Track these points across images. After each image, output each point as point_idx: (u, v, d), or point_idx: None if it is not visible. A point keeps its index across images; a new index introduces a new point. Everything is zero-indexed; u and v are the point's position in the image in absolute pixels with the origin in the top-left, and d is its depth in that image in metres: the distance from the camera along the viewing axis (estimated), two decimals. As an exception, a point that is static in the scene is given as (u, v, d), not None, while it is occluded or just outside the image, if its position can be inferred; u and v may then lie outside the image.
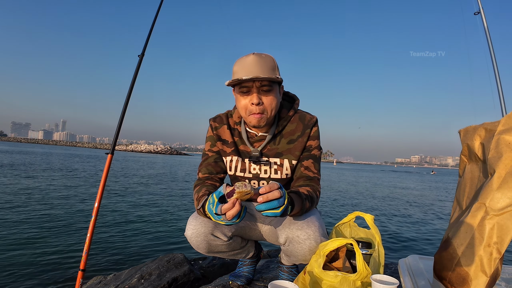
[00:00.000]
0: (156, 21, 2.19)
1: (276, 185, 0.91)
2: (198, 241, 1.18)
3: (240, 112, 1.18)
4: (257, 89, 1.11)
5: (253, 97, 1.12)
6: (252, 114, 1.14)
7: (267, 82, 1.11)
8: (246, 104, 1.14)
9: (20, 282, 2.75)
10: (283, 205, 0.91)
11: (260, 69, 1.09)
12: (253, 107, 1.13)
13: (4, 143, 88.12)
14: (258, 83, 1.10)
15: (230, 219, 0.90)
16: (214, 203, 0.94)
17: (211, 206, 0.95)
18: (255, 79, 1.08)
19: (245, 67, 1.10)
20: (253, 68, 1.09)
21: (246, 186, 0.86)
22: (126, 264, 3.34)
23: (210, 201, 0.97)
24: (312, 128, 1.24)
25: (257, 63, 1.10)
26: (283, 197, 0.91)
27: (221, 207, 0.91)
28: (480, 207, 0.83)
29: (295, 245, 1.12)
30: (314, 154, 1.24)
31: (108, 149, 1.90)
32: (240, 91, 1.13)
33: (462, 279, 0.84)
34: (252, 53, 1.13)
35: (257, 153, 1.23)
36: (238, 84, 1.12)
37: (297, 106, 1.28)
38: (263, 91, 1.12)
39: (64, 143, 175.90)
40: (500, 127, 0.84)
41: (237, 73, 1.12)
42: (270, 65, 1.12)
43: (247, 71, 1.09)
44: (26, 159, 21.10)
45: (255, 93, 1.12)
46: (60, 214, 5.52)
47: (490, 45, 2.62)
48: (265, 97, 1.13)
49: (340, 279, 0.95)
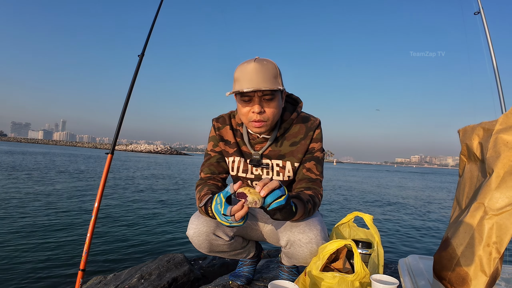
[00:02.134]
0: (156, 21, 2.19)
1: (268, 179, 0.92)
2: (200, 240, 1.19)
3: (241, 118, 1.18)
4: (258, 98, 1.10)
5: (255, 107, 1.11)
6: (253, 122, 1.14)
7: (269, 91, 1.09)
8: (247, 112, 1.13)
9: (20, 282, 2.75)
10: (284, 193, 0.92)
11: (262, 78, 1.07)
12: (254, 115, 1.12)
13: (4, 143, 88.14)
14: (260, 93, 1.09)
15: (237, 220, 0.92)
16: (222, 203, 0.95)
17: (218, 206, 0.96)
18: (257, 91, 1.07)
19: (246, 76, 1.08)
20: (255, 77, 1.07)
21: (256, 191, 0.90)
22: (126, 264, 3.34)
23: (217, 201, 0.97)
24: (315, 131, 1.24)
25: (259, 72, 1.08)
26: (282, 186, 0.93)
27: (231, 208, 0.92)
28: (479, 207, 0.83)
29: (297, 248, 1.12)
30: (317, 156, 1.23)
31: (108, 149, 1.90)
32: (241, 100, 1.12)
33: (461, 279, 0.84)
34: (253, 59, 1.11)
35: (257, 156, 1.23)
36: (240, 94, 1.11)
37: (300, 108, 1.27)
38: (265, 100, 1.11)
39: (64, 143, 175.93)
40: (498, 126, 0.84)
41: (238, 82, 1.10)
42: (272, 73, 1.10)
43: (249, 81, 1.07)
44: (26, 159, 21.11)
45: (257, 103, 1.10)
46: (60, 214, 5.52)
47: (490, 45, 2.62)
48: (267, 106, 1.12)
49: (338, 280, 0.95)
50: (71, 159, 25.07)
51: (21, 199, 6.63)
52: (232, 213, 0.92)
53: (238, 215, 0.91)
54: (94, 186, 9.58)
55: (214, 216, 0.99)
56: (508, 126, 0.82)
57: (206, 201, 1.07)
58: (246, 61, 1.13)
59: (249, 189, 0.91)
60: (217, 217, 0.97)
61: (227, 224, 0.96)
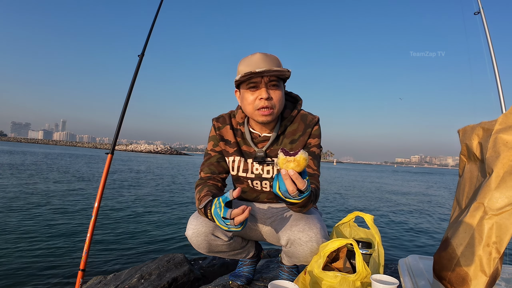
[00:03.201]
0: (156, 21, 2.19)
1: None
2: (199, 240, 1.19)
3: (247, 108, 1.18)
4: (265, 84, 1.12)
5: (262, 91, 1.12)
6: (260, 109, 1.14)
7: (275, 77, 1.12)
8: (253, 99, 1.14)
9: (20, 282, 2.75)
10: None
11: (269, 64, 1.12)
12: (261, 101, 1.13)
13: (4, 143, 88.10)
14: (266, 79, 1.12)
15: (237, 224, 0.92)
16: (221, 207, 0.95)
17: (218, 210, 0.96)
18: (268, 71, 1.08)
19: (253, 64, 1.12)
20: (261, 63, 1.11)
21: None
22: (126, 264, 3.34)
23: (217, 205, 0.97)
24: (314, 127, 1.25)
25: (264, 60, 1.12)
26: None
27: (231, 212, 0.92)
28: (478, 207, 0.83)
29: (297, 247, 1.12)
30: (313, 151, 1.24)
31: (108, 149, 1.90)
32: (248, 87, 1.14)
33: (461, 279, 0.84)
34: (256, 52, 1.15)
35: (262, 153, 1.24)
36: (247, 80, 1.13)
37: (300, 106, 1.28)
38: (271, 86, 1.13)
39: (64, 143, 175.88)
40: (497, 126, 0.84)
41: (245, 70, 1.12)
42: (276, 62, 1.15)
43: (256, 67, 1.11)
44: (26, 159, 21.10)
45: (263, 88, 1.12)
46: (60, 214, 5.52)
47: (490, 45, 2.62)
48: (274, 93, 1.14)
49: (339, 280, 0.95)
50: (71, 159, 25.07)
51: (21, 199, 6.63)
52: (232, 216, 0.92)
53: (237, 219, 0.91)
54: (94, 186, 9.58)
55: (213, 219, 0.99)
56: (508, 126, 0.82)
57: (205, 203, 1.07)
58: (249, 55, 1.17)
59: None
60: (216, 221, 0.97)
61: (226, 229, 0.95)
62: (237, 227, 0.94)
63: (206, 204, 1.07)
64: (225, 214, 0.93)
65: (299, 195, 0.90)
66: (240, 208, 0.92)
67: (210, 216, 1.01)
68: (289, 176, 0.86)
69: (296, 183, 0.87)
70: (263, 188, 1.32)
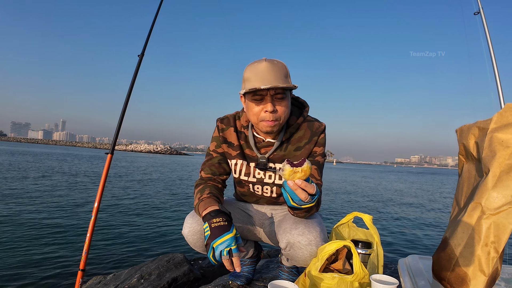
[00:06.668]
0: (156, 21, 2.19)
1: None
2: (195, 239, 1.19)
3: (252, 118, 1.16)
4: (271, 97, 1.10)
5: (268, 105, 1.10)
6: (264, 121, 1.13)
7: (281, 90, 1.09)
8: (258, 111, 1.12)
9: (20, 282, 2.75)
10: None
11: (275, 77, 1.08)
12: (266, 114, 1.11)
13: (3, 143, 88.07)
14: (272, 91, 1.09)
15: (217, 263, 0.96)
16: (229, 252, 0.95)
17: (211, 253, 0.95)
18: (273, 88, 1.06)
19: (259, 75, 1.08)
20: (268, 76, 1.07)
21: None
22: (126, 264, 3.33)
23: (229, 241, 0.95)
24: (320, 135, 1.24)
25: (271, 70, 1.08)
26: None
27: (226, 261, 0.93)
28: (476, 207, 0.83)
29: (296, 250, 1.12)
30: (318, 161, 1.23)
31: (108, 149, 1.90)
32: (253, 99, 1.11)
33: (461, 279, 0.84)
34: (264, 59, 1.12)
35: (264, 160, 1.23)
36: (252, 92, 1.11)
37: (306, 113, 1.27)
38: (277, 99, 1.11)
39: (63, 143, 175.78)
40: (493, 125, 0.84)
41: (251, 81, 1.10)
42: (284, 72, 1.11)
43: (262, 79, 1.07)
44: (26, 159, 21.10)
45: (269, 101, 1.10)
46: (60, 214, 5.52)
47: (490, 45, 2.62)
48: (279, 105, 1.12)
49: (337, 281, 0.96)
50: (71, 159, 25.06)
51: (20, 199, 6.63)
52: (225, 264, 0.94)
53: (226, 265, 0.94)
54: (94, 186, 9.58)
55: (207, 243, 0.97)
56: (503, 125, 0.82)
57: (207, 213, 1.04)
58: (256, 61, 1.13)
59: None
60: (207, 250, 0.97)
61: (209, 256, 0.96)
62: (215, 262, 0.96)
63: (210, 212, 1.04)
64: (225, 256, 0.93)
65: (312, 198, 0.95)
66: (236, 263, 0.93)
67: (207, 230, 0.98)
68: (298, 186, 0.90)
69: (306, 190, 0.91)
70: (264, 193, 1.31)
